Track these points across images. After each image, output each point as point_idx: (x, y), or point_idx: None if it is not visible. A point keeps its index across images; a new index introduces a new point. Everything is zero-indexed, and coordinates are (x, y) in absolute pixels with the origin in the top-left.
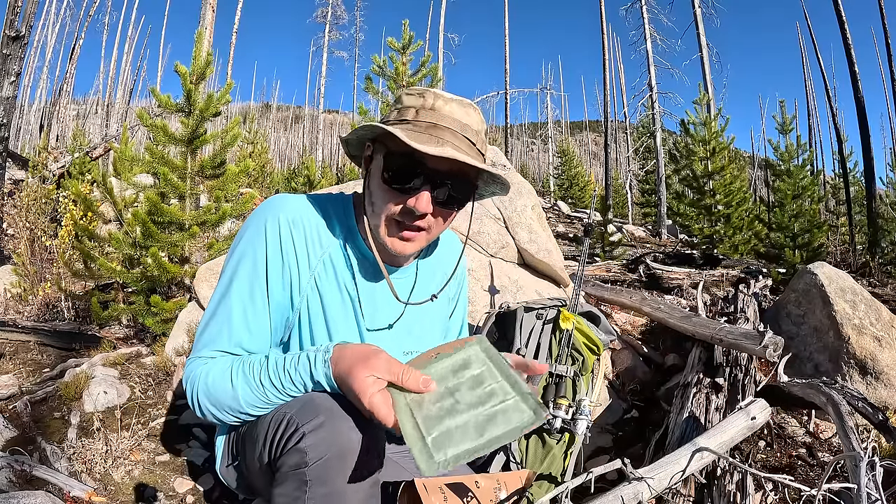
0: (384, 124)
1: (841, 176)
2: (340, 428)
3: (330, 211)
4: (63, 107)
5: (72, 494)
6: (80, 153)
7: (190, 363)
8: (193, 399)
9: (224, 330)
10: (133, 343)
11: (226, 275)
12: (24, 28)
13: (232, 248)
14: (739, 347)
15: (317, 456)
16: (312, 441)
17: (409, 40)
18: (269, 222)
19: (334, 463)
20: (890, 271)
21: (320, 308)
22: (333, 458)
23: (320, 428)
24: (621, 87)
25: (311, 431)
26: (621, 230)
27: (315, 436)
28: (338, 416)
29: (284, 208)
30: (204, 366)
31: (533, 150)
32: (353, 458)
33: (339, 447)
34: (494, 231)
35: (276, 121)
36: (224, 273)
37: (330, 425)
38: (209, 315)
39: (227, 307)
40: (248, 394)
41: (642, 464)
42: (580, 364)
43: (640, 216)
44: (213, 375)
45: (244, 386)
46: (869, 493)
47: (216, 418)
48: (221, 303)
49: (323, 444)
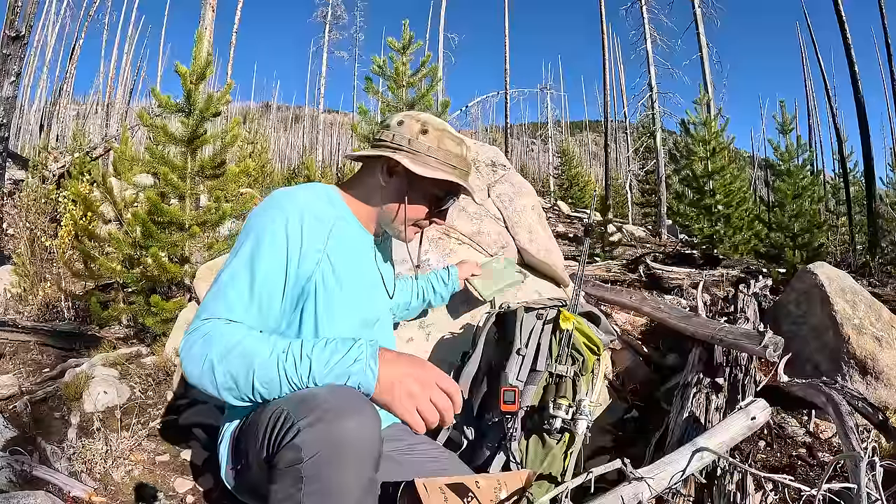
0: (433, 160)
1: (841, 176)
2: (336, 425)
3: (324, 200)
4: (63, 107)
5: (72, 494)
6: (80, 153)
7: (204, 323)
8: (200, 354)
9: (238, 301)
10: (133, 343)
11: (242, 256)
12: (24, 28)
13: (245, 234)
14: (739, 347)
15: (311, 452)
16: (308, 437)
17: (409, 40)
18: (282, 210)
19: (329, 460)
20: (890, 271)
21: (332, 278)
22: (328, 455)
23: (316, 424)
24: (621, 87)
25: (306, 427)
26: (621, 230)
27: (310, 432)
28: (334, 412)
29: (295, 198)
30: (226, 326)
31: (533, 150)
32: (348, 455)
33: (334, 444)
34: (494, 231)
35: (276, 121)
36: (239, 255)
37: (326, 422)
38: (225, 284)
39: (243, 282)
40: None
41: (642, 464)
42: (580, 364)
43: (640, 216)
44: (237, 335)
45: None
46: (869, 493)
47: (213, 383)
48: (236, 277)
49: (318, 441)
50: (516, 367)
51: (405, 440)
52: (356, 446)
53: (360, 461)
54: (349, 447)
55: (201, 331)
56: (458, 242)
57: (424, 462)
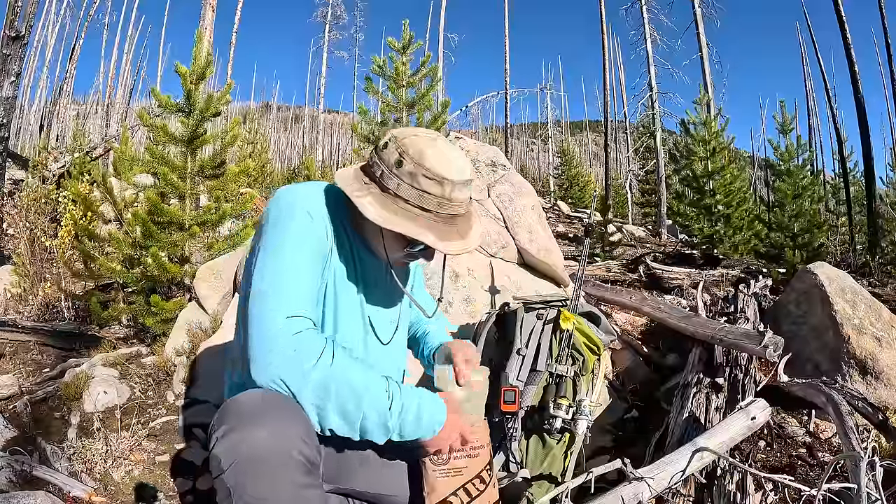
0: (402, 202)
1: (841, 176)
2: (247, 434)
3: (332, 201)
4: (63, 107)
5: (72, 494)
6: (80, 153)
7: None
8: (309, 374)
9: (297, 300)
10: (133, 343)
11: (275, 257)
12: (24, 28)
13: (264, 235)
14: (739, 347)
15: (228, 463)
16: (223, 448)
17: (409, 40)
18: (301, 206)
19: (245, 470)
20: (890, 271)
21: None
22: (243, 465)
23: (228, 435)
24: (621, 87)
25: (221, 438)
26: (621, 230)
27: (224, 442)
28: (247, 420)
29: (312, 197)
30: (339, 348)
31: (533, 150)
32: (264, 463)
33: (247, 455)
34: (494, 231)
35: (276, 121)
36: (269, 257)
37: (236, 432)
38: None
39: (289, 281)
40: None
41: (642, 464)
42: (580, 364)
43: (640, 216)
44: (355, 370)
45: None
46: (869, 493)
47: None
48: (280, 276)
49: (231, 452)
50: (516, 367)
51: None
52: (272, 454)
53: (279, 469)
54: (263, 456)
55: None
56: None
57: None
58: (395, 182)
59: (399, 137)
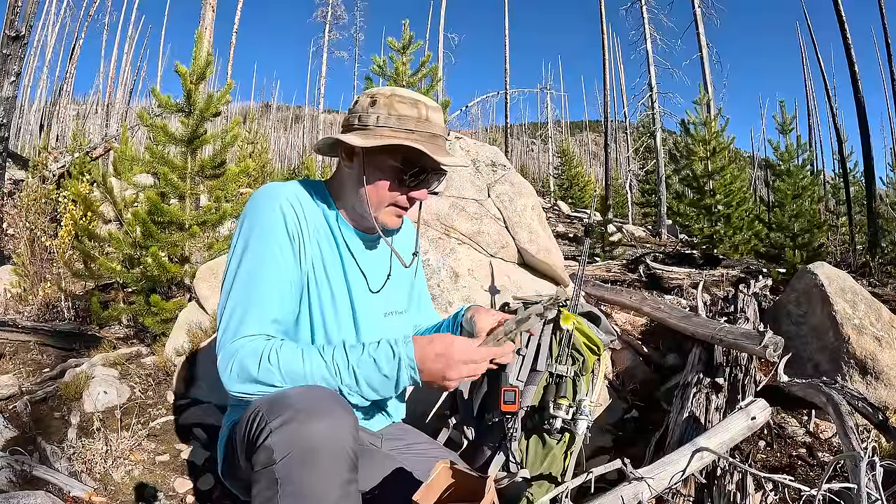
0: (386, 129)
1: (841, 176)
2: (306, 426)
3: (313, 194)
4: (63, 107)
5: (72, 494)
6: (80, 153)
7: (244, 342)
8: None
9: (259, 308)
10: (133, 343)
11: (247, 260)
12: (24, 28)
13: (242, 235)
14: (739, 347)
15: (283, 454)
16: (278, 439)
17: (409, 40)
18: (274, 204)
19: (301, 461)
20: (890, 271)
21: (324, 275)
22: (300, 457)
23: (286, 425)
24: (621, 87)
25: (277, 428)
26: (621, 230)
27: (281, 433)
28: (304, 413)
29: (283, 191)
30: (267, 342)
31: (533, 150)
32: (320, 456)
33: (305, 445)
34: (494, 231)
35: (276, 121)
36: (242, 259)
37: (296, 422)
38: (238, 297)
39: (258, 288)
40: (320, 370)
41: (642, 464)
42: (580, 364)
43: (640, 216)
44: (285, 353)
45: (318, 367)
46: (869, 493)
47: None
48: (251, 284)
49: (288, 442)
50: (516, 367)
51: (404, 439)
52: (327, 447)
53: (332, 462)
54: (320, 448)
55: (243, 349)
56: (459, 242)
57: (424, 461)
58: (373, 117)
59: (369, 91)
